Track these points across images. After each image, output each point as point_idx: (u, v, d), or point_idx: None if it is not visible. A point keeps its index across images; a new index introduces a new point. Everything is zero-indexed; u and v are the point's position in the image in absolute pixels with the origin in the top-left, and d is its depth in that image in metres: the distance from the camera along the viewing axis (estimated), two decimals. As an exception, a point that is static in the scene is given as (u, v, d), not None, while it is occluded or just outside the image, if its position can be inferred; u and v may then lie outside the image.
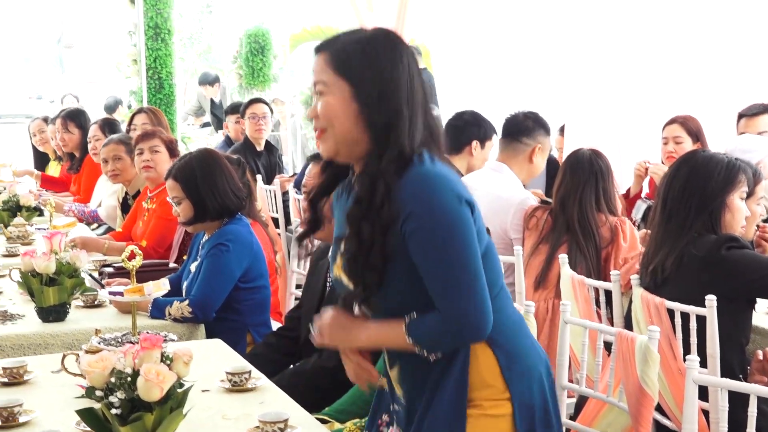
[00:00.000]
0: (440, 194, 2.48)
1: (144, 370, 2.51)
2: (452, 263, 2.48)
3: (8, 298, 4.59)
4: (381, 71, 2.54)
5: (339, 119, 2.55)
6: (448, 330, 2.50)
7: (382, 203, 2.48)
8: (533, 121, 5.19)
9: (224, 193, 4.50)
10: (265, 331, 4.50)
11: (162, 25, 10.78)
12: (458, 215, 2.48)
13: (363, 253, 2.51)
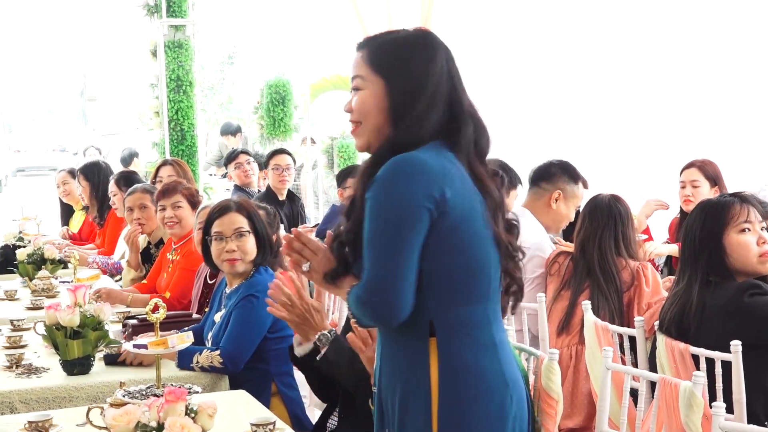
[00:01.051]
0: (403, 181, 2.53)
1: (169, 424, 2.52)
2: (381, 244, 2.53)
3: (33, 351, 4.57)
4: (413, 70, 2.65)
5: (372, 113, 2.66)
6: (363, 300, 2.55)
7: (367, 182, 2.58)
8: (557, 168, 5.22)
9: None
10: (289, 380, 4.49)
11: (183, 77, 10.86)
12: (408, 207, 2.52)
13: (354, 231, 2.62)
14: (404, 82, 2.64)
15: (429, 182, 2.52)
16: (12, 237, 7.63)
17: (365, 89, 2.68)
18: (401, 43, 2.69)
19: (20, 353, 4.46)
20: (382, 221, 2.52)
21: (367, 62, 2.69)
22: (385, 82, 2.65)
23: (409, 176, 2.53)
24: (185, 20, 10.86)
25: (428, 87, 2.63)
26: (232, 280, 4.56)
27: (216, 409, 2.71)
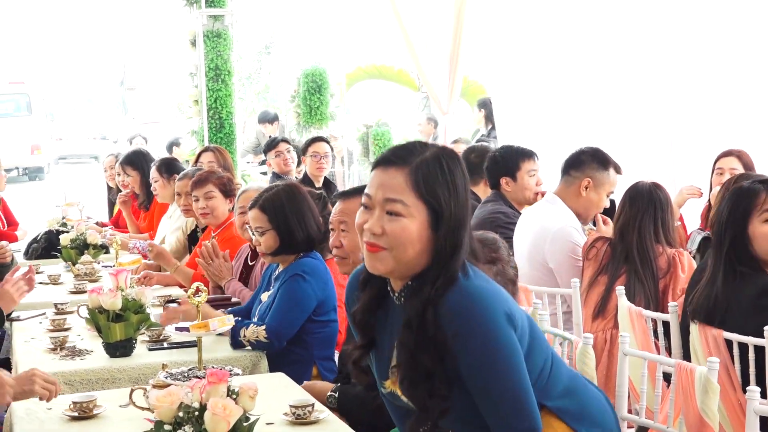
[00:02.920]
0: (486, 314, 2.43)
1: (211, 405, 2.53)
2: (499, 384, 2.44)
3: (76, 334, 4.62)
4: (459, 200, 2.47)
5: (412, 245, 2.44)
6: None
7: (434, 331, 2.43)
8: (587, 155, 5.17)
9: (309, 226, 4.52)
10: (330, 365, 4.49)
11: (222, 67, 10.89)
12: (504, 335, 2.43)
13: (424, 381, 2.46)
14: (454, 214, 2.46)
15: (502, 305, 2.46)
16: (55, 223, 7.68)
17: (408, 217, 2.43)
18: (443, 168, 2.47)
19: (64, 336, 4.51)
20: (494, 355, 2.42)
21: (411, 188, 2.44)
22: (430, 212, 2.44)
23: (492, 307, 2.43)
24: (224, 10, 10.89)
25: (468, 216, 2.51)
26: (282, 261, 4.58)
27: (257, 390, 2.72)
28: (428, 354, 2.43)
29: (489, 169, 5.85)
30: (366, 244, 2.49)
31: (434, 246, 2.45)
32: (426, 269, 2.47)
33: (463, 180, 2.50)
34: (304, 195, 4.60)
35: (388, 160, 2.50)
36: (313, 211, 4.58)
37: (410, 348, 2.46)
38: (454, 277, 2.44)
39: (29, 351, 4.41)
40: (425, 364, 2.43)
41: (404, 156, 2.49)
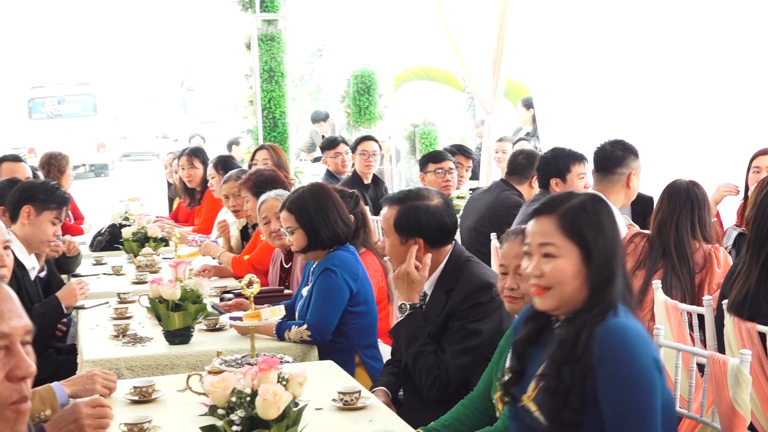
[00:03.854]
0: (638, 353, 2.57)
1: (262, 390, 2.55)
2: (633, 417, 2.55)
3: (138, 322, 4.67)
4: (606, 236, 2.67)
5: (569, 281, 2.65)
6: None
7: (583, 351, 2.58)
8: (621, 150, 5.15)
9: (335, 222, 4.52)
10: (373, 353, 4.51)
11: (275, 69, 10.93)
12: (650, 379, 2.57)
13: (563, 393, 2.59)
14: (602, 249, 2.66)
15: (652, 350, 2.63)
16: (118, 217, 7.74)
17: (560, 257, 2.66)
18: (590, 211, 2.70)
19: (126, 324, 4.56)
20: (635, 391, 2.55)
21: (560, 231, 2.68)
22: (581, 250, 2.66)
23: (644, 350, 2.59)
24: (277, 15, 10.92)
25: (618, 251, 2.70)
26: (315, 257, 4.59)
27: (306, 377, 2.74)
28: (572, 370, 2.59)
29: (540, 168, 5.83)
30: (533, 287, 2.73)
31: (589, 279, 2.65)
32: (584, 304, 2.66)
33: (610, 219, 2.72)
34: (328, 193, 4.62)
35: (539, 211, 2.76)
36: (339, 208, 4.58)
37: (558, 362, 2.62)
38: (610, 306, 2.63)
39: (94, 338, 4.46)
40: (567, 378, 2.58)
41: (552, 205, 2.73)
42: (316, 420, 3.12)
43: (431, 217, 3.89)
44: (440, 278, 3.91)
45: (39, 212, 5.00)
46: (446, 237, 3.94)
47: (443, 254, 3.94)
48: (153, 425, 3.08)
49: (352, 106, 12.59)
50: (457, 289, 3.83)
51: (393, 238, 3.93)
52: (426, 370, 3.74)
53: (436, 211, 3.91)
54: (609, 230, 2.69)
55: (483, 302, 3.77)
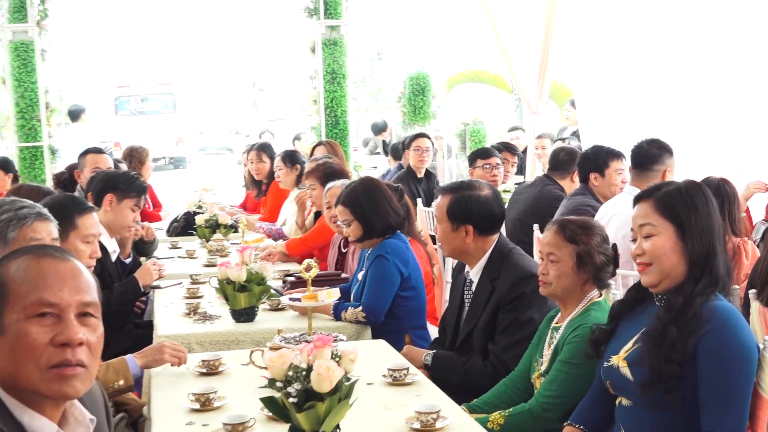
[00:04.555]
0: (746, 335, 2.62)
1: (316, 366, 2.55)
2: (728, 388, 2.58)
3: (208, 302, 4.72)
4: (700, 215, 2.71)
5: (667, 256, 2.70)
6: None
7: (693, 315, 2.62)
8: (657, 148, 5.09)
9: (386, 213, 4.53)
10: (422, 333, 4.50)
11: (338, 71, 10.94)
12: (752, 360, 2.61)
13: (666, 348, 2.64)
14: (696, 225, 2.70)
15: (753, 338, 2.66)
16: (193, 205, 7.81)
17: (657, 235, 2.72)
18: (683, 193, 2.75)
19: (197, 302, 4.61)
20: (737, 369, 2.59)
21: (656, 212, 2.74)
22: (676, 227, 2.72)
23: (747, 331, 2.65)
24: (340, 21, 10.92)
25: (714, 228, 2.72)
26: (370, 245, 4.59)
27: (357, 355, 2.73)
28: (678, 329, 2.64)
29: (580, 164, 5.80)
30: (638, 265, 2.79)
31: (688, 254, 2.70)
32: (687, 275, 2.71)
33: (704, 202, 2.75)
34: (378, 187, 4.63)
35: (639, 197, 2.83)
36: (390, 199, 4.59)
37: (664, 322, 2.68)
38: (717, 279, 2.68)
39: (168, 315, 4.51)
40: (673, 334, 2.64)
41: (650, 191, 2.81)
42: (366, 394, 3.13)
43: (481, 206, 3.88)
44: (486, 267, 3.89)
45: (120, 200, 5.06)
46: (494, 225, 3.93)
47: (489, 243, 3.92)
48: (218, 395, 3.11)
49: (407, 105, 12.57)
50: (501, 279, 3.80)
51: (445, 225, 3.93)
52: (482, 377, 3.73)
53: (486, 201, 3.90)
54: (703, 210, 2.73)
55: (527, 292, 3.74)
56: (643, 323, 2.80)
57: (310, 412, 2.56)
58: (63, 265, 1.88)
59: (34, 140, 10.44)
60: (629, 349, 2.79)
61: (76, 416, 1.91)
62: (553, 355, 3.30)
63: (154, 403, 3.19)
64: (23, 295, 1.82)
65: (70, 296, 1.85)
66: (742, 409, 2.59)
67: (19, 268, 1.86)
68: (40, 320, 1.82)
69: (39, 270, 1.85)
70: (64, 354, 1.82)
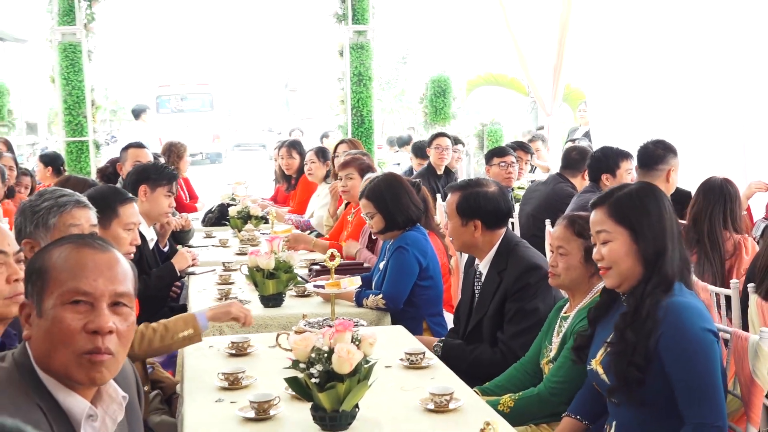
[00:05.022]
0: (693, 327, 2.56)
1: (337, 349, 2.56)
2: (694, 379, 2.54)
3: (238, 287, 4.73)
4: (652, 218, 2.67)
5: (623, 259, 2.67)
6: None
7: (646, 316, 2.59)
8: (662, 149, 5.06)
9: (407, 207, 4.53)
10: (439, 320, 4.50)
11: (364, 73, 10.93)
12: (707, 345, 2.55)
13: (627, 354, 2.61)
14: (648, 228, 2.67)
15: (706, 322, 2.61)
16: (227, 197, 7.84)
17: (613, 241, 2.69)
18: (634, 197, 2.71)
19: (229, 288, 4.63)
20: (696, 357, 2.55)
21: (610, 218, 2.70)
22: (629, 231, 2.67)
23: (698, 321, 2.58)
24: (366, 26, 10.91)
25: (666, 230, 2.68)
26: (391, 237, 4.59)
27: (376, 339, 2.74)
28: (635, 332, 2.61)
29: (591, 166, 5.75)
30: (599, 270, 2.78)
31: (640, 256, 2.66)
32: (642, 277, 2.67)
33: (656, 203, 2.71)
34: (400, 182, 4.63)
35: (594, 204, 2.78)
36: (410, 194, 4.58)
37: (622, 328, 2.65)
38: (667, 278, 2.64)
39: (201, 299, 4.52)
40: (631, 339, 2.61)
41: (603, 198, 2.76)
42: (384, 376, 3.13)
43: (488, 202, 3.87)
44: (494, 260, 3.88)
45: (153, 189, 5.08)
46: (501, 220, 3.92)
47: (497, 237, 3.91)
48: (246, 375, 3.13)
49: (429, 106, 12.54)
50: (508, 270, 3.79)
51: (455, 221, 3.92)
52: (491, 364, 3.72)
53: (493, 197, 3.89)
54: (655, 212, 2.68)
55: (531, 283, 3.72)
56: (612, 325, 2.78)
57: (331, 392, 2.57)
58: (101, 256, 1.88)
59: (80, 135, 10.52)
60: (603, 354, 2.77)
61: (110, 393, 1.92)
62: (561, 343, 3.29)
63: (186, 382, 3.21)
64: (61, 283, 1.83)
65: (104, 286, 1.84)
66: (718, 396, 2.54)
67: (60, 256, 1.86)
68: (74, 307, 1.82)
69: (78, 259, 1.86)
70: (95, 341, 1.82)
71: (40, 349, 1.83)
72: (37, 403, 1.78)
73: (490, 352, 3.77)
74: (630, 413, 2.70)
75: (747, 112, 7.14)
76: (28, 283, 1.87)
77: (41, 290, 1.84)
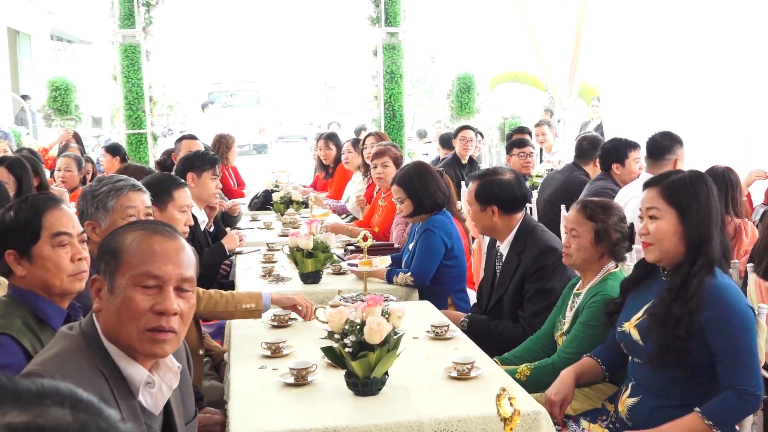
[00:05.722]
0: (739, 304, 2.59)
1: (369, 321, 2.56)
2: (737, 350, 2.56)
3: (281, 266, 4.76)
4: (701, 204, 2.67)
5: (668, 238, 2.67)
6: (736, 403, 2.57)
7: (692, 295, 2.60)
8: (669, 140, 4.99)
9: (434, 192, 4.52)
10: (462, 296, 4.49)
11: (395, 71, 10.90)
12: (745, 317, 2.58)
13: (670, 326, 2.62)
14: (696, 213, 2.66)
15: (746, 301, 2.64)
16: (271, 184, 7.86)
17: (661, 219, 2.68)
18: (687, 183, 2.70)
19: (272, 266, 4.65)
20: (740, 331, 2.57)
21: (662, 198, 2.69)
22: (678, 213, 2.67)
23: (742, 300, 2.62)
24: (398, 29, 10.87)
25: (713, 217, 2.67)
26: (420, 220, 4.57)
27: (404, 313, 2.74)
28: (681, 307, 2.61)
29: (602, 156, 5.70)
30: (642, 243, 2.75)
31: (686, 237, 2.65)
32: (684, 257, 2.68)
33: (705, 192, 2.70)
34: (428, 170, 4.61)
35: (648, 184, 2.77)
36: (437, 181, 4.57)
37: (668, 302, 2.65)
38: (711, 261, 2.64)
39: (247, 276, 4.55)
40: (677, 313, 2.62)
41: (659, 179, 2.74)
42: (412, 346, 3.13)
43: (504, 188, 3.85)
44: (513, 242, 3.87)
45: (199, 175, 5.10)
46: (517, 205, 3.90)
47: (515, 221, 3.89)
48: (286, 345, 3.14)
49: (455, 102, 12.47)
50: (526, 252, 3.78)
51: (474, 207, 3.91)
52: (513, 338, 3.71)
53: (508, 184, 3.87)
54: (704, 199, 2.68)
55: (548, 264, 3.71)
56: (651, 295, 2.78)
57: (362, 361, 2.58)
58: (170, 243, 1.89)
59: (139, 128, 10.59)
60: (639, 317, 2.77)
61: (167, 363, 1.93)
62: (574, 317, 3.27)
63: (233, 350, 3.23)
64: (134, 266, 1.83)
65: (172, 271, 1.85)
66: (757, 368, 2.58)
67: (134, 241, 1.86)
68: (144, 289, 1.83)
69: (150, 245, 1.86)
70: (160, 321, 1.83)
71: (109, 322, 1.84)
72: (100, 369, 1.80)
73: (513, 327, 3.76)
74: (652, 374, 2.73)
75: (748, 107, 7.05)
76: (101, 261, 1.88)
77: (114, 269, 1.85)
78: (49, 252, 2.39)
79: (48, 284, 2.39)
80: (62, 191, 5.94)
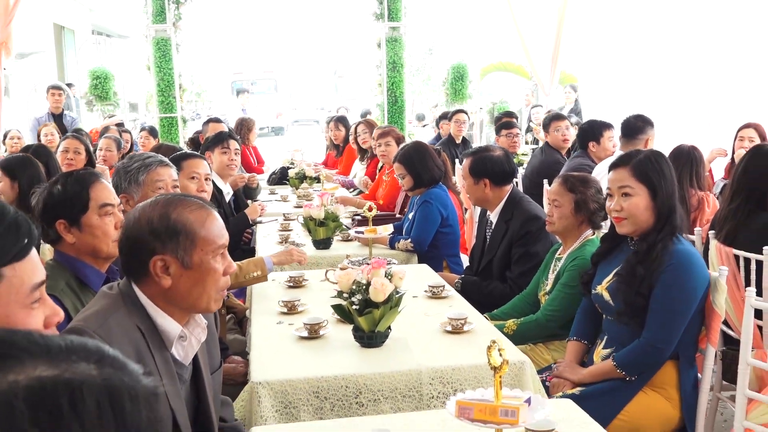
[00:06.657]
0: (695, 267, 2.59)
1: (373, 282, 2.55)
2: (667, 312, 2.56)
3: (296, 233, 4.75)
4: (666, 179, 2.65)
5: (642, 212, 2.64)
6: (641, 353, 2.60)
7: (656, 257, 2.60)
8: (642, 122, 4.96)
9: (432, 168, 4.49)
10: (456, 260, 4.47)
11: (397, 62, 10.82)
12: (694, 286, 2.57)
13: (635, 284, 2.62)
14: (664, 188, 2.64)
15: (704, 270, 2.64)
16: (287, 162, 7.86)
17: (635, 195, 2.64)
18: (653, 160, 2.67)
19: (288, 234, 4.64)
20: (681, 294, 2.56)
21: (633, 176, 2.65)
22: (649, 189, 2.64)
23: (698, 268, 2.60)
24: (399, 23, 10.78)
25: (675, 190, 2.66)
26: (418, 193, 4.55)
27: (405, 274, 2.73)
28: (645, 268, 2.62)
29: (579, 135, 5.67)
30: (614, 218, 2.70)
31: (656, 210, 2.63)
32: (653, 226, 2.66)
33: (668, 167, 2.69)
34: (426, 148, 4.59)
35: (616, 164, 2.72)
36: (434, 158, 4.54)
37: (633, 264, 2.65)
38: (675, 229, 2.63)
39: (266, 243, 4.54)
40: (640, 273, 2.62)
41: (625, 159, 2.70)
42: (411, 304, 3.13)
43: (494, 164, 3.83)
44: (502, 211, 3.85)
45: (212, 152, 5.06)
46: (506, 178, 3.87)
47: (504, 192, 3.87)
48: (301, 302, 3.14)
49: (450, 89, 12.40)
50: (513, 220, 3.77)
51: (469, 180, 3.89)
52: (501, 297, 3.69)
53: (498, 160, 3.85)
54: (668, 175, 2.66)
55: (533, 230, 3.69)
56: (618, 262, 2.77)
57: (368, 316, 2.57)
58: (218, 218, 1.91)
59: (170, 112, 10.56)
60: (609, 280, 2.76)
61: (197, 319, 1.93)
62: (555, 279, 3.26)
63: (254, 307, 3.23)
64: (210, 241, 1.84)
65: (226, 238, 1.90)
66: (676, 324, 2.56)
67: (197, 220, 1.85)
68: (218, 258, 1.86)
69: (211, 221, 1.87)
70: (227, 281, 1.89)
71: (188, 294, 1.84)
72: (137, 324, 1.79)
73: (501, 287, 3.75)
74: (620, 328, 2.73)
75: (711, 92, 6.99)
76: (165, 241, 1.82)
77: (189, 247, 1.83)
78: (97, 221, 2.39)
79: (96, 249, 2.38)
80: (104, 168, 5.92)
